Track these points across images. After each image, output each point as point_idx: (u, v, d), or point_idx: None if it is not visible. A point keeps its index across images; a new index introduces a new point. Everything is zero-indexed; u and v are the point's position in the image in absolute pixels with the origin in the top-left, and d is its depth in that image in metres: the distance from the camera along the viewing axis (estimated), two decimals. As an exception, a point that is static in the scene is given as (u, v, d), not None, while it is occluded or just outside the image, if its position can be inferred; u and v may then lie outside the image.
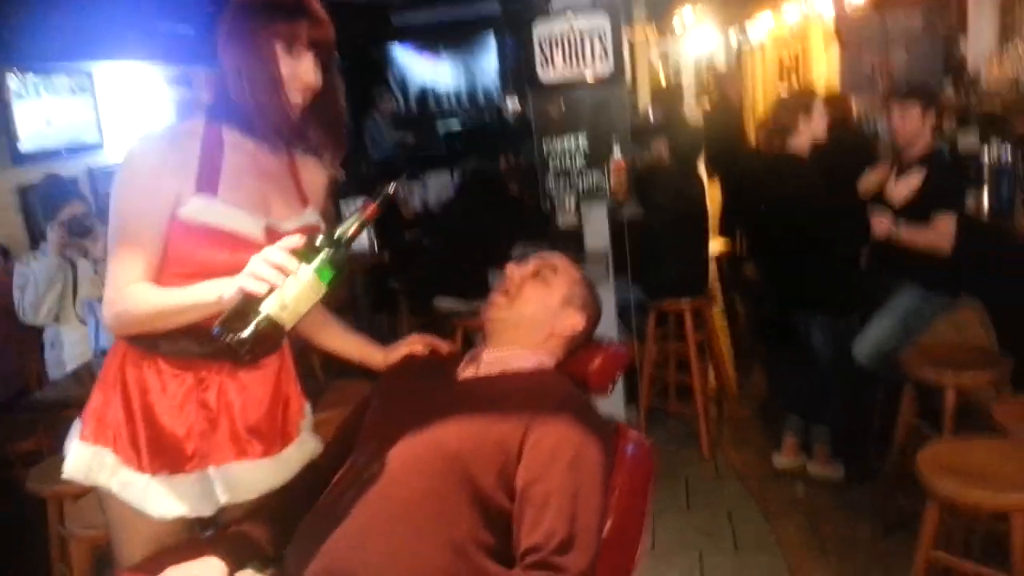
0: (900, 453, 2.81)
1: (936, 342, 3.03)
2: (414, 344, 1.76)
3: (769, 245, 4.11)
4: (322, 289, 1.27)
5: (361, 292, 4.28)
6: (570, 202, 3.28)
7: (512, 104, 9.18)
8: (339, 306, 5.40)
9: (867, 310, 3.16)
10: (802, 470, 3.29)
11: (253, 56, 1.42)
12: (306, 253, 1.26)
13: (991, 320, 3.22)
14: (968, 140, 4.27)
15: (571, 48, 3.25)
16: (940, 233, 2.91)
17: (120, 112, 5.77)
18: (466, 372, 1.58)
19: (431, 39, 10.06)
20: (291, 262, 1.25)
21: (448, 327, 3.99)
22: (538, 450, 1.30)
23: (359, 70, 9.62)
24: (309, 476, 1.58)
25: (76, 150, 5.26)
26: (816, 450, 3.27)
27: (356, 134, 9.10)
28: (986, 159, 3.64)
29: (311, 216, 1.58)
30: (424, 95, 10.36)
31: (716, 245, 4.48)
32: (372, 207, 1.35)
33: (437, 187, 5.43)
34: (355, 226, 1.31)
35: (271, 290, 1.24)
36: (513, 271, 1.63)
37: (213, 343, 1.36)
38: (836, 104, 4.44)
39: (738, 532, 2.96)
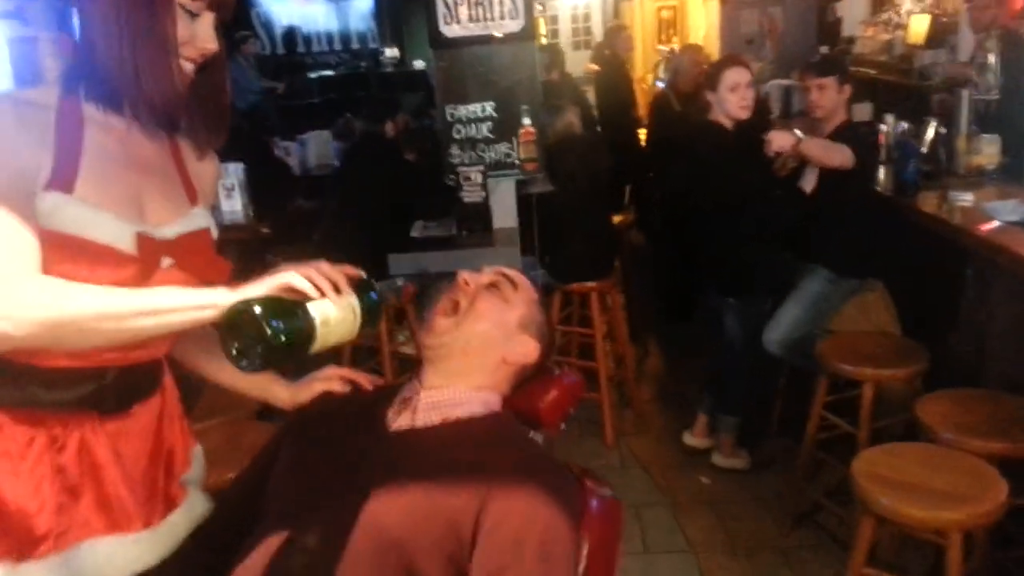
0: (811, 443, 2.77)
1: (851, 332, 2.99)
2: (330, 380, 1.44)
3: (674, 220, 4.02)
4: (355, 331, 1.15)
5: (234, 266, 3.80)
6: (476, 175, 3.00)
7: (391, 52, 8.67)
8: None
9: (778, 296, 3.10)
10: (709, 453, 3.23)
11: (144, 8, 1.08)
12: (357, 285, 1.16)
13: (894, 302, 3.24)
14: (863, 112, 4.29)
15: (477, 1, 2.95)
16: (838, 148, 2.80)
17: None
18: (400, 420, 1.28)
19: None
20: (343, 282, 1.13)
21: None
22: (498, 535, 1.05)
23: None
24: (198, 552, 1.25)
25: None
26: (721, 440, 3.20)
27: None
28: (884, 134, 3.66)
29: (200, 217, 1.25)
30: (292, 37, 9.62)
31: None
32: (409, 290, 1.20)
33: (317, 147, 4.98)
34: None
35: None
36: (467, 280, 1.34)
37: (71, 389, 1.12)
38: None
39: (647, 531, 2.85)
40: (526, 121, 2.99)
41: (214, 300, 1.09)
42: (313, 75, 8.70)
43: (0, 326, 1.03)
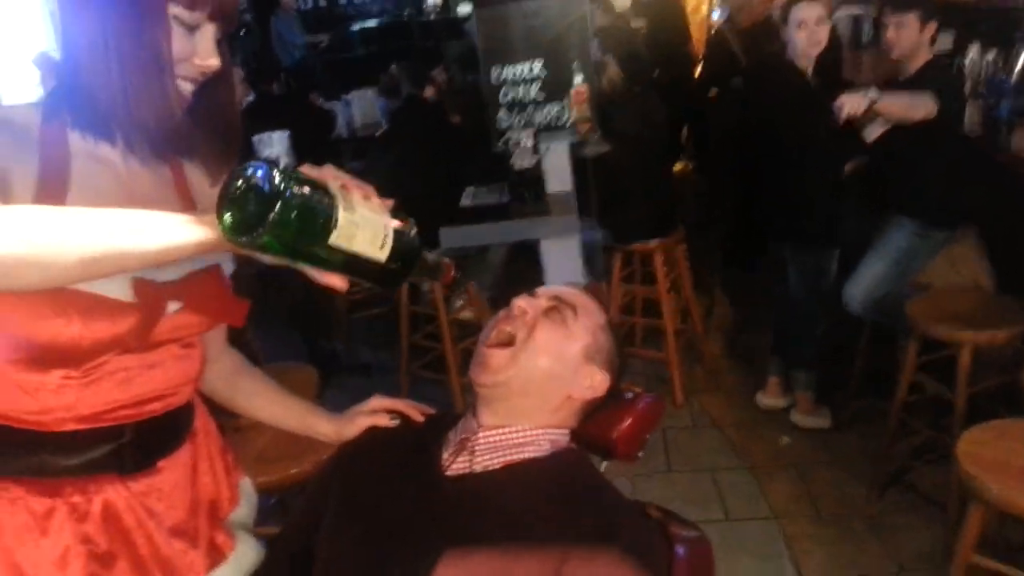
0: (899, 408, 2.62)
1: (943, 289, 2.78)
2: (377, 415, 1.32)
3: (735, 162, 3.81)
4: (382, 252, 0.89)
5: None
6: (527, 140, 2.85)
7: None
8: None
9: (851, 248, 2.90)
10: (787, 411, 3.11)
11: (133, 21, 0.95)
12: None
13: (988, 254, 3.01)
14: (942, 42, 3.94)
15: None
16: (921, 101, 2.53)
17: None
18: (456, 463, 1.17)
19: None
20: (377, 200, 0.92)
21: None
22: None
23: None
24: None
25: None
26: (798, 397, 3.07)
27: (262, 36, 8.26)
28: (968, 67, 3.36)
29: (221, 255, 1.12)
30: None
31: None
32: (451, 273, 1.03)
33: (362, 107, 4.86)
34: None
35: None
36: (522, 307, 1.19)
37: (86, 452, 1.03)
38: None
39: (726, 496, 2.76)
40: (577, 80, 2.82)
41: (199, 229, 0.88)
42: (355, 26, 8.51)
43: None
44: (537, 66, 2.84)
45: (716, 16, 6.23)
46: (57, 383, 1.00)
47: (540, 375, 1.16)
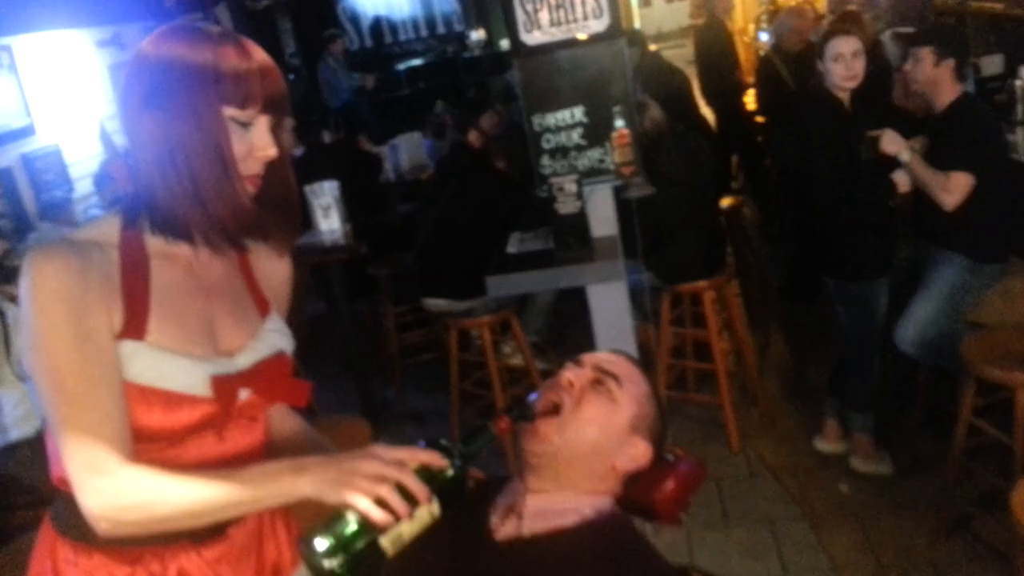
0: (960, 453, 2.51)
1: (998, 328, 2.66)
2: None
3: (788, 191, 3.75)
4: (436, 519, 0.99)
5: (337, 284, 3.82)
6: (570, 185, 2.84)
7: (476, 35, 8.51)
8: (308, 290, 5.04)
9: (899, 281, 2.82)
10: (846, 456, 3.01)
11: (194, 131, 0.99)
12: (432, 474, 0.98)
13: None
14: (992, 65, 3.84)
15: (558, 3, 2.76)
16: (950, 187, 2.53)
17: (48, 89, 5.18)
18: (505, 528, 1.19)
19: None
20: (422, 490, 0.95)
21: (440, 327, 3.62)
22: None
23: (306, 10, 8.89)
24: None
25: (4, 138, 4.72)
26: (856, 441, 2.97)
27: (311, 80, 8.47)
28: (1019, 90, 3.27)
29: (274, 335, 1.18)
30: (378, 28, 9.63)
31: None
32: (505, 422, 1.06)
33: (410, 150, 4.93)
34: (484, 446, 1.04)
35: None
36: (569, 380, 1.21)
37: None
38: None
39: (784, 549, 2.67)
40: (619, 123, 2.80)
41: (295, 491, 0.99)
42: (401, 65, 8.67)
43: (100, 527, 1.00)
44: (578, 112, 2.83)
45: (763, 38, 6.18)
46: (139, 459, 1.04)
47: (586, 447, 1.19)
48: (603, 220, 2.92)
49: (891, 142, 2.58)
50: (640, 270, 3.26)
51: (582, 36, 2.74)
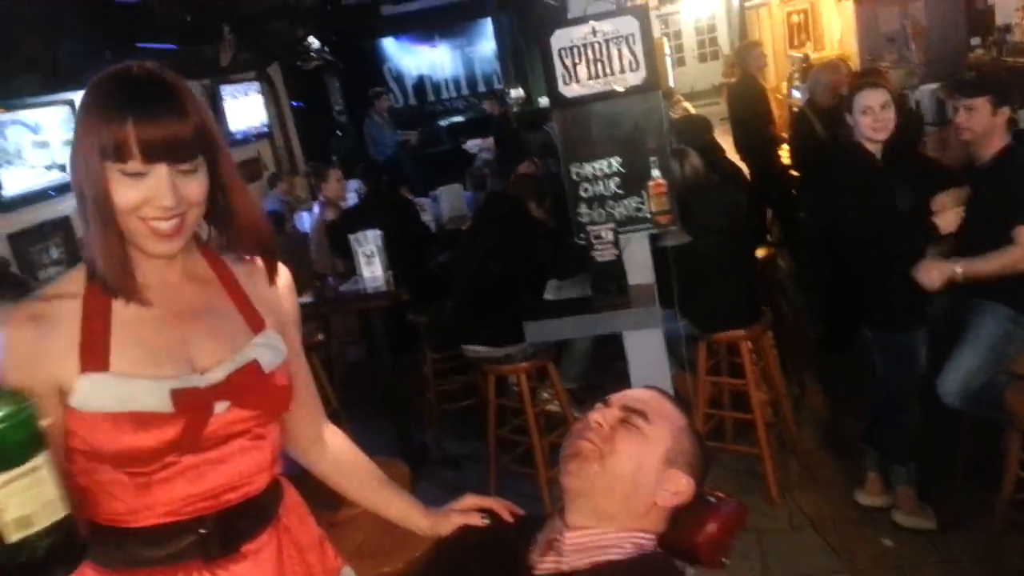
0: (1007, 505, 2.46)
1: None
2: (470, 514, 1.38)
3: (822, 242, 3.75)
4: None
5: (378, 330, 3.90)
6: (607, 233, 2.89)
7: (515, 93, 8.74)
8: (352, 339, 5.14)
9: (942, 331, 2.79)
10: (889, 509, 2.94)
11: (86, 183, 1.07)
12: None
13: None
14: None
15: (596, 57, 2.86)
16: (1022, 240, 2.52)
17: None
18: (545, 563, 1.22)
19: (424, 28, 9.62)
20: None
21: (476, 372, 3.66)
22: None
23: (353, 69, 9.23)
24: None
25: (66, 189, 4.95)
26: (899, 495, 2.91)
27: (357, 135, 8.76)
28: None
29: (258, 348, 1.20)
30: (422, 86, 9.95)
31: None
32: None
33: (450, 201, 5.05)
34: None
35: None
36: (596, 420, 1.25)
37: (172, 543, 1.13)
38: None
39: (828, 606, 2.62)
40: (655, 173, 2.87)
41: None
42: (443, 122, 8.91)
43: None
44: (615, 162, 2.90)
45: (796, 95, 6.25)
46: (133, 484, 1.10)
47: (624, 483, 1.21)
48: (640, 268, 2.96)
49: (930, 272, 2.58)
50: (676, 318, 3.28)
51: (620, 89, 2.83)
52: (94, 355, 1.08)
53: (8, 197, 4.48)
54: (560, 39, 2.86)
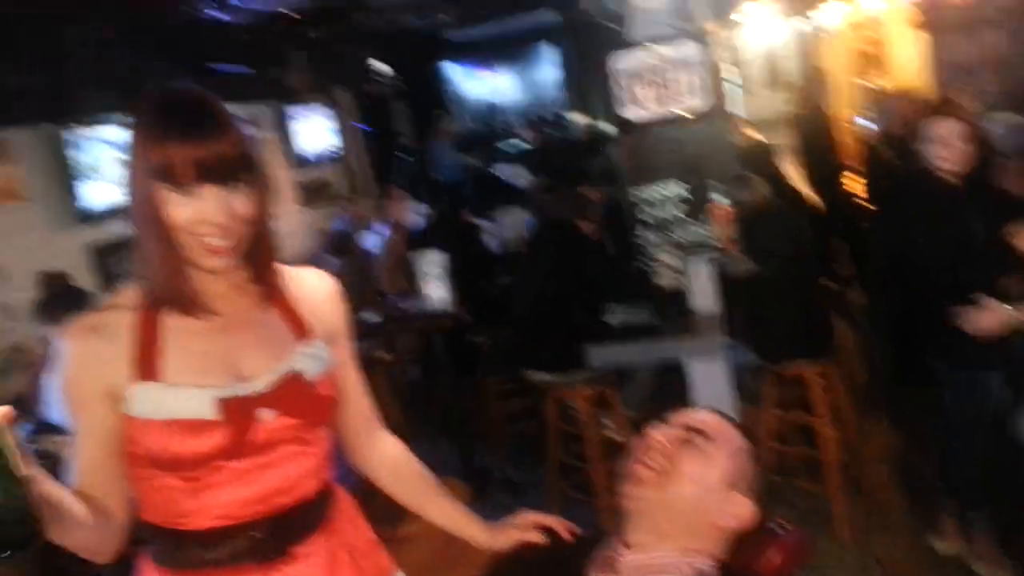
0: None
1: None
2: (528, 530, 1.38)
3: (896, 273, 3.64)
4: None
5: (440, 350, 3.92)
6: (670, 258, 2.86)
7: (580, 118, 8.76)
8: (411, 358, 5.17)
9: (1017, 366, 2.66)
10: (964, 556, 2.80)
11: (138, 204, 1.11)
12: None
13: None
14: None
15: (660, 82, 2.85)
16: None
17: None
18: None
19: (487, 54, 9.74)
20: None
21: (540, 397, 3.63)
22: None
23: (419, 94, 9.39)
24: None
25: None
26: (975, 542, 2.76)
27: (420, 159, 8.90)
28: None
29: (302, 357, 1.23)
30: (484, 111, 10.06)
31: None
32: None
33: (513, 225, 5.06)
34: None
35: None
36: (657, 439, 1.24)
37: (226, 545, 1.18)
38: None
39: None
40: (719, 199, 2.83)
41: None
42: (506, 147, 8.98)
43: None
44: (678, 186, 2.88)
45: (865, 124, 6.10)
46: (188, 488, 1.15)
47: (685, 503, 1.19)
48: (704, 294, 2.91)
49: (987, 316, 2.48)
50: (742, 349, 3.21)
51: (684, 113, 2.80)
52: (146, 365, 1.14)
53: (88, 210, 4.66)
54: (622, 62, 2.86)
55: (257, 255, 1.21)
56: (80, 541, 1.09)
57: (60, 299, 2.64)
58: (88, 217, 4.66)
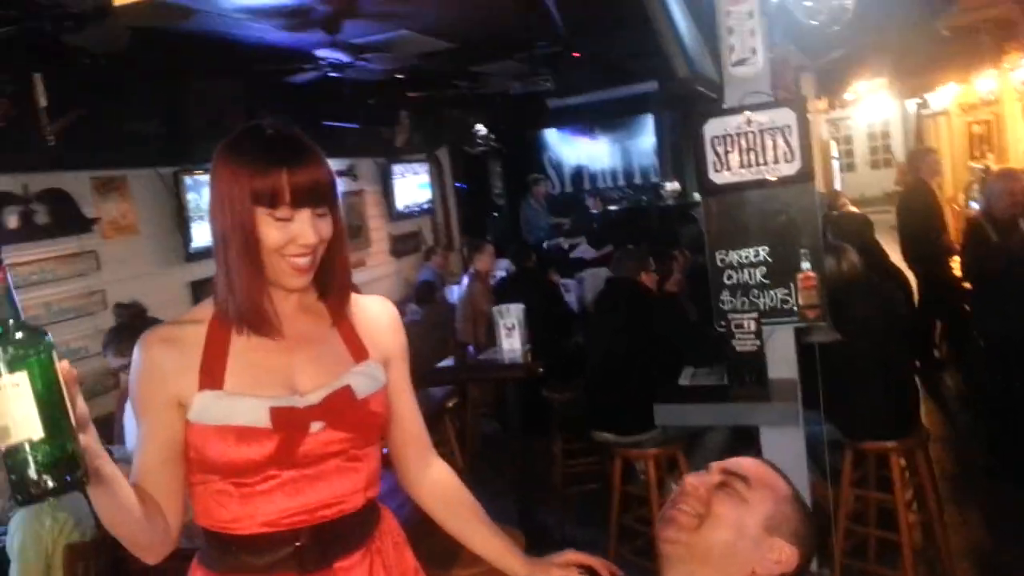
0: None
1: None
2: (568, 568, 1.37)
3: (1000, 362, 3.47)
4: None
5: (512, 404, 3.94)
6: (749, 322, 2.81)
7: (671, 186, 8.79)
8: (486, 412, 5.20)
9: None
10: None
11: (232, 228, 1.20)
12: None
13: None
14: None
15: (749, 147, 2.84)
16: None
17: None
18: None
19: (586, 120, 9.94)
20: None
21: (605, 456, 3.60)
22: None
23: (515, 156, 9.65)
24: None
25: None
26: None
27: (512, 218, 9.09)
28: None
29: (356, 376, 1.29)
30: (579, 175, 10.22)
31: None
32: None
33: (594, 284, 5.09)
34: None
35: None
36: (693, 483, 1.22)
37: (272, 552, 1.23)
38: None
39: None
40: (805, 265, 2.78)
41: None
42: (596, 211, 9.07)
43: None
44: (763, 251, 2.84)
45: (974, 206, 5.88)
46: (238, 494, 1.21)
47: (721, 547, 1.17)
48: (782, 361, 2.84)
49: None
50: (820, 421, 3.09)
51: (771, 178, 2.79)
52: (211, 375, 1.22)
53: (194, 249, 4.97)
54: (714, 128, 2.88)
55: (333, 279, 1.30)
56: (131, 534, 1.16)
57: (131, 329, 2.80)
58: (195, 255, 4.97)
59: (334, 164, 6.59)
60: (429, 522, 1.50)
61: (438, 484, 1.46)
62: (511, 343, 4.11)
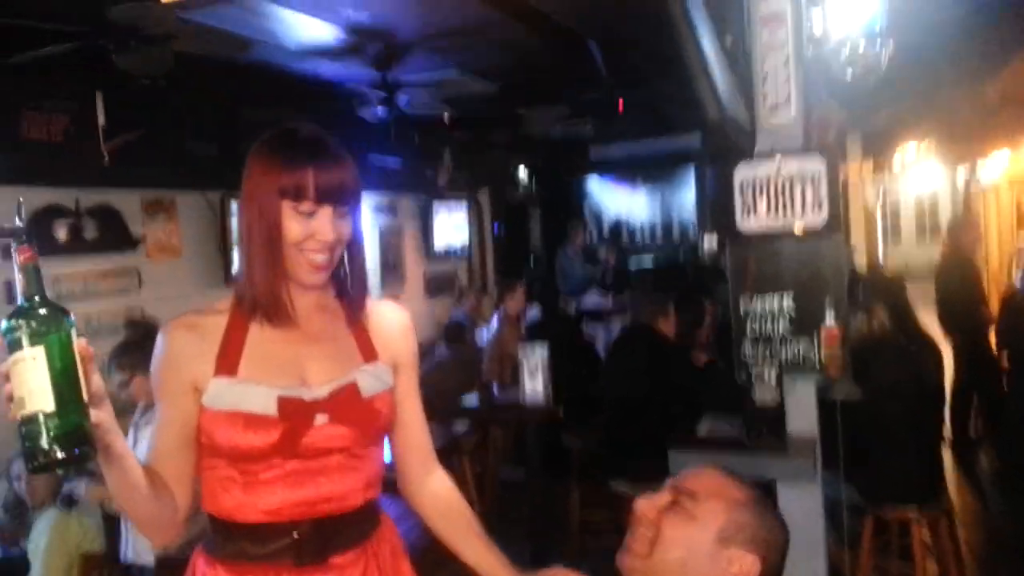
0: None
1: None
2: None
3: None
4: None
5: (531, 447, 3.92)
6: (770, 374, 2.76)
7: (709, 243, 8.74)
8: (507, 459, 5.14)
9: None
10: None
11: (257, 219, 1.26)
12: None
13: None
14: None
15: (777, 194, 2.83)
16: None
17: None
18: None
19: (628, 172, 9.98)
20: None
21: (621, 505, 3.53)
22: None
23: (555, 202, 9.71)
24: None
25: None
26: None
27: (548, 267, 9.11)
28: None
29: (364, 374, 1.33)
30: (618, 228, 10.23)
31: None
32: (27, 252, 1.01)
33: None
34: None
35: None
36: (641, 507, 1.21)
37: (270, 542, 1.26)
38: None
39: None
40: (829, 320, 2.73)
41: None
42: (632, 264, 9.07)
43: None
44: (787, 301, 2.80)
45: (1015, 280, 5.76)
46: (243, 481, 1.25)
47: (676, 569, 1.16)
48: (802, 416, 2.77)
49: None
50: (840, 483, 3.01)
51: (798, 231, 2.77)
52: (227, 362, 1.26)
53: (235, 274, 5.04)
54: (743, 173, 2.87)
55: (351, 281, 1.36)
56: (141, 514, 1.21)
57: (136, 346, 2.83)
58: (235, 281, 5.05)
59: (375, 198, 6.71)
60: (437, 551, 1.51)
61: (438, 493, 1.48)
62: (533, 384, 4.10)
